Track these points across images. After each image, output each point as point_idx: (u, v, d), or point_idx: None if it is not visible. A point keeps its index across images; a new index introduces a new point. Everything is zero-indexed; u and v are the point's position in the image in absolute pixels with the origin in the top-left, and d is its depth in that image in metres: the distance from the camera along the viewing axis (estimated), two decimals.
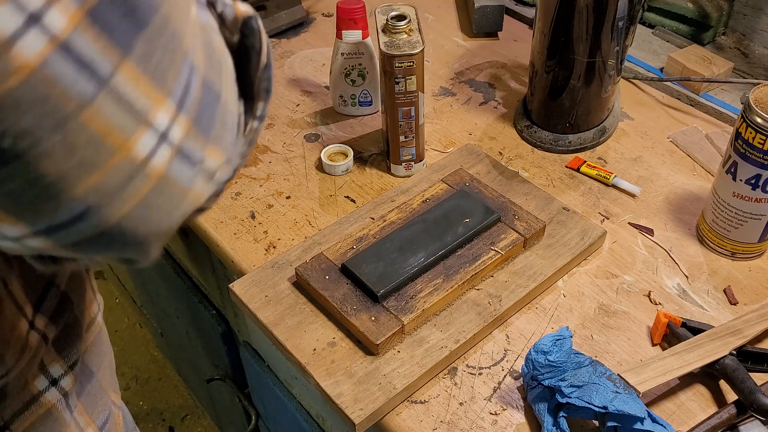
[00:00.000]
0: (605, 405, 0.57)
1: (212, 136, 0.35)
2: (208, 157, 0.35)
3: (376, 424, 0.65)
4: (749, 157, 0.70)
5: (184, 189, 0.34)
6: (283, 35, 1.16)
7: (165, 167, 0.32)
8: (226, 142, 0.37)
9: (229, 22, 0.39)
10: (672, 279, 0.76)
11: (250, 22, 0.40)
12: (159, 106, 0.31)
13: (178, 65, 0.31)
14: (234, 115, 0.38)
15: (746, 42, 1.07)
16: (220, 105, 0.35)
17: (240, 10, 0.40)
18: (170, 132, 0.32)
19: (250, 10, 0.40)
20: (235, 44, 0.40)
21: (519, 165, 0.90)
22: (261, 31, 0.41)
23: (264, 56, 0.41)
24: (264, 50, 0.41)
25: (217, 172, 0.36)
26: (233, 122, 0.38)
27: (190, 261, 1.09)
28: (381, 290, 0.69)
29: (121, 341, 1.99)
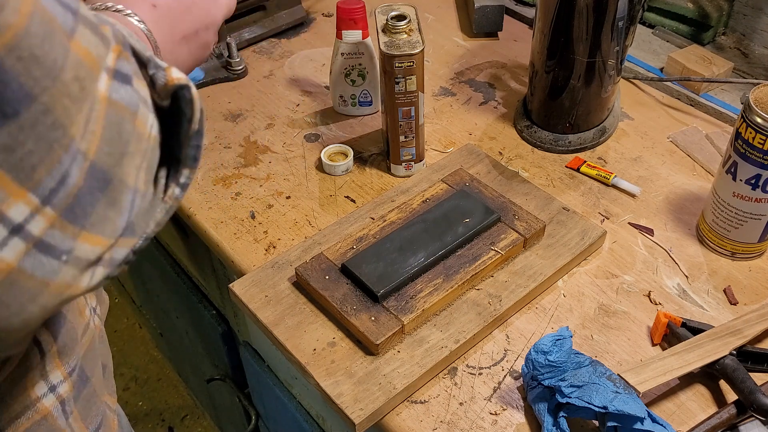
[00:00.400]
0: (605, 405, 0.57)
1: (90, 223, 0.34)
2: (81, 246, 0.34)
3: (376, 424, 0.65)
4: (749, 157, 0.70)
5: (42, 282, 0.33)
6: (283, 35, 1.16)
7: (16, 261, 0.31)
8: (115, 224, 0.36)
9: (159, 87, 0.39)
10: (672, 279, 0.76)
11: (182, 92, 0.39)
12: (15, 200, 0.30)
13: (54, 156, 0.31)
14: (136, 192, 0.37)
15: (746, 42, 1.07)
16: (110, 189, 0.35)
17: (172, 78, 0.39)
18: (27, 225, 0.31)
19: (183, 79, 0.40)
20: (165, 108, 0.40)
21: (519, 165, 0.90)
22: (194, 100, 0.40)
23: (195, 124, 0.40)
24: (195, 119, 0.40)
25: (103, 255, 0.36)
26: (132, 200, 0.37)
27: (190, 261, 1.09)
28: (381, 290, 0.69)
29: (120, 341, 1.99)
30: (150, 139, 0.38)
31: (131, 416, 1.82)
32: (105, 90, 0.34)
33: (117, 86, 0.35)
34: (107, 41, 0.35)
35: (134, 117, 0.36)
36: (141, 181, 0.38)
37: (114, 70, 0.35)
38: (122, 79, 0.35)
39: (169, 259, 1.21)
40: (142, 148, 0.37)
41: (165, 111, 0.40)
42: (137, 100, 0.36)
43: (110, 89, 0.34)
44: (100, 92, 0.33)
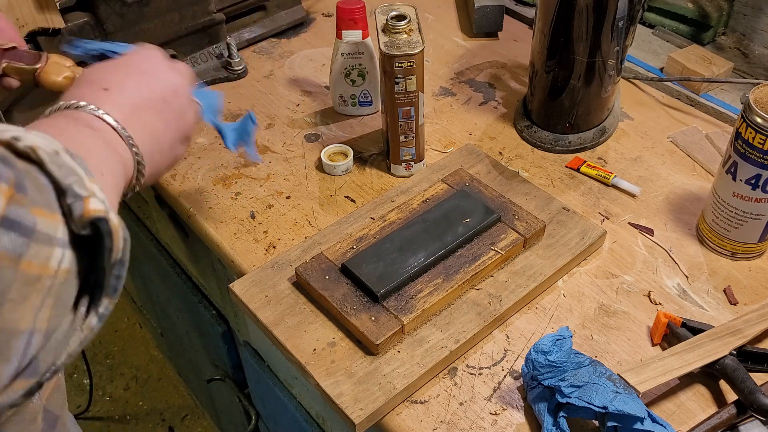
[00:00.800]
0: (605, 405, 0.57)
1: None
2: None
3: (376, 424, 0.65)
4: (749, 157, 0.70)
5: None
6: (283, 35, 1.16)
7: None
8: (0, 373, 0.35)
9: (75, 217, 0.38)
10: (672, 279, 0.76)
11: (100, 224, 0.39)
12: None
13: None
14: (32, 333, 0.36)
15: (746, 42, 1.07)
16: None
17: (89, 210, 0.38)
18: None
19: (102, 211, 0.39)
20: (86, 235, 0.39)
21: (519, 165, 0.90)
22: (113, 231, 0.39)
23: (117, 254, 0.40)
24: (116, 248, 0.40)
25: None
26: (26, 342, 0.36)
27: (190, 261, 1.09)
28: (381, 290, 0.69)
29: (120, 341, 1.99)
30: (57, 275, 0.37)
31: (132, 415, 1.82)
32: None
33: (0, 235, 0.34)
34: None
35: (18, 262, 0.35)
36: (42, 319, 0.37)
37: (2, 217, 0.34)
38: (8, 226, 0.34)
39: (169, 259, 1.21)
40: (40, 287, 0.36)
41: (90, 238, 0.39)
42: (29, 241, 0.35)
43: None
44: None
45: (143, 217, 1.22)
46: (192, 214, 0.86)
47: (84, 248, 0.40)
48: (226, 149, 0.94)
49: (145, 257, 1.33)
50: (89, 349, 1.94)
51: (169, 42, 1.01)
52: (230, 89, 1.05)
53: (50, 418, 0.56)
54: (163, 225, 1.10)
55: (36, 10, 0.90)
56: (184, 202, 0.87)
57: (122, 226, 0.41)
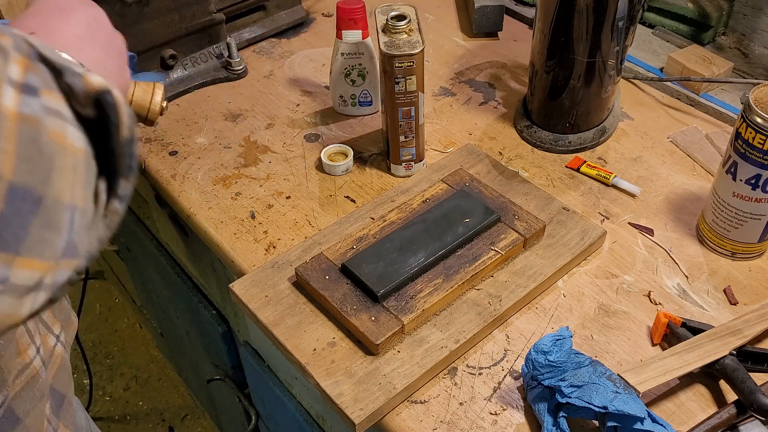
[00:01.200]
0: (605, 405, 0.57)
1: (25, 247, 0.33)
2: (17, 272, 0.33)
3: (376, 424, 0.65)
4: (749, 157, 0.70)
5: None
6: (283, 35, 1.16)
7: None
8: (54, 246, 0.34)
9: (79, 95, 0.37)
10: (672, 279, 0.76)
11: (104, 97, 0.38)
12: None
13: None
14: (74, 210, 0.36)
15: (746, 42, 1.07)
16: (41, 209, 0.33)
17: (91, 84, 0.37)
18: None
19: (104, 84, 0.38)
20: (90, 117, 0.38)
21: (519, 165, 0.90)
22: (118, 105, 0.38)
23: (124, 130, 0.39)
24: (123, 124, 0.39)
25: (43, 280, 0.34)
26: (70, 218, 0.35)
27: (190, 261, 1.09)
28: (381, 290, 0.69)
29: (121, 341, 1.99)
30: (76, 152, 0.36)
31: (132, 415, 1.82)
32: (14, 105, 0.32)
33: (28, 100, 0.33)
34: (6, 52, 0.33)
35: (48, 132, 0.34)
36: (78, 197, 0.36)
37: (23, 84, 0.33)
38: (31, 93, 0.34)
39: (169, 259, 1.21)
40: (68, 162, 0.35)
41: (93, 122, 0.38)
42: (48, 113, 0.35)
43: (21, 104, 0.33)
44: (8, 108, 0.32)
45: (143, 217, 1.22)
46: (192, 214, 0.86)
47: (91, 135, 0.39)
48: (226, 149, 0.94)
49: (145, 257, 1.33)
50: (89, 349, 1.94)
51: (169, 42, 1.01)
52: (230, 89, 1.05)
53: (57, 397, 0.57)
54: (163, 225, 1.10)
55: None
56: (184, 202, 0.87)
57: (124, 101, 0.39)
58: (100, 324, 2.04)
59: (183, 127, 0.98)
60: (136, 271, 1.50)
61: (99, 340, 1.99)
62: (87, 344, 1.96)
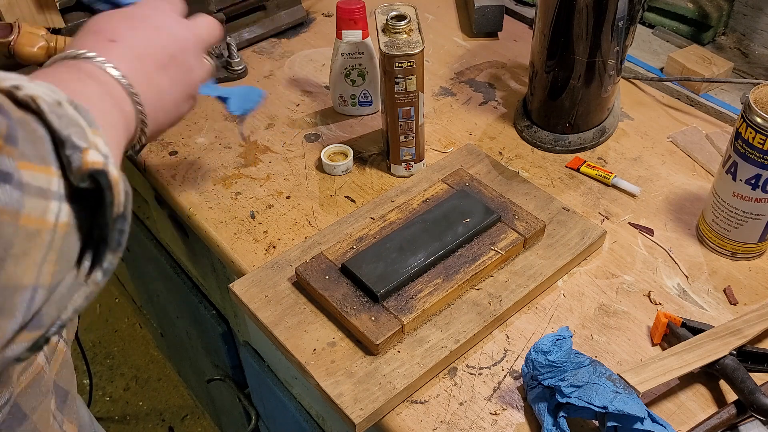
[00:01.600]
0: (605, 405, 0.57)
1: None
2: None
3: (376, 424, 0.65)
4: (749, 157, 0.70)
5: None
6: (283, 35, 1.16)
7: None
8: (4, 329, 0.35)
9: (74, 169, 0.37)
10: (672, 279, 0.76)
11: (98, 177, 0.38)
12: None
13: None
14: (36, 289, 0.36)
15: (746, 42, 1.07)
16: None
17: (87, 162, 0.37)
18: None
19: (100, 163, 0.37)
20: (86, 188, 0.38)
21: (519, 165, 0.90)
22: (113, 184, 0.38)
23: (118, 208, 0.39)
24: (118, 202, 0.38)
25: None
26: (30, 297, 0.36)
27: (190, 261, 1.09)
28: (381, 290, 0.69)
29: (121, 341, 1.99)
30: (56, 229, 0.36)
31: (132, 415, 1.82)
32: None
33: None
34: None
35: (17, 216, 0.34)
36: (45, 274, 0.36)
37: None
38: (1, 179, 0.33)
39: (169, 259, 1.21)
40: (40, 242, 0.35)
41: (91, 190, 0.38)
42: (21, 195, 0.34)
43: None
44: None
45: (143, 217, 1.22)
46: (192, 214, 0.86)
47: (86, 203, 0.39)
48: (226, 149, 0.94)
49: (145, 257, 1.33)
50: (89, 349, 1.94)
51: None
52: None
53: (61, 392, 0.57)
54: (163, 225, 1.10)
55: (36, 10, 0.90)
56: (184, 202, 0.87)
57: (123, 179, 0.39)
58: (100, 324, 2.04)
59: (183, 127, 0.98)
60: (136, 271, 1.50)
61: (99, 341, 1.99)
62: (87, 344, 1.96)
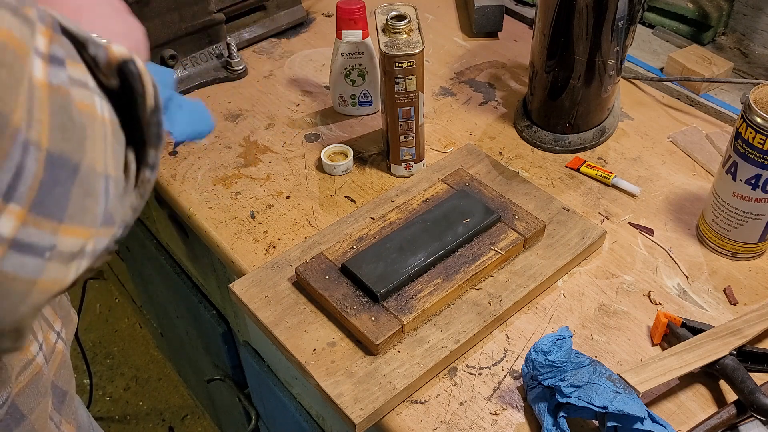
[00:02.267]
0: (605, 405, 0.57)
1: (68, 214, 0.33)
2: (63, 240, 0.33)
3: (376, 424, 0.65)
4: (749, 157, 0.70)
5: (28, 282, 0.32)
6: (283, 35, 1.16)
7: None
8: (94, 213, 0.35)
9: (102, 65, 0.37)
10: (672, 279, 0.76)
11: (127, 66, 0.38)
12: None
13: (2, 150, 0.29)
14: (108, 178, 0.36)
15: (746, 42, 1.07)
16: (78, 177, 0.33)
17: (114, 54, 0.37)
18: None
19: (126, 54, 0.38)
20: (115, 87, 0.38)
21: (519, 165, 0.90)
22: (142, 73, 0.38)
23: (150, 99, 0.39)
24: (148, 93, 0.39)
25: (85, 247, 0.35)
26: (105, 186, 0.36)
27: (190, 261, 1.09)
28: (381, 290, 0.69)
29: (121, 341, 1.99)
30: (105, 122, 0.36)
31: (132, 415, 1.82)
32: (43, 76, 0.32)
33: (56, 71, 0.33)
34: (31, 23, 0.32)
35: (77, 102, 0.34)
36: (110, 166, 0.36)
37: (49, 55, 0.33)
38: (58, 63, 0.34)
39: (169, 259, 1.21)
40: (99, 132, 0.35)
41: (118, 92, 0.38)
42: (74, 84, 0.35)
43: (49, 75, 0.33)
44: (37, 78, 0.32)
45: (143, 217, 1.22)
46: (192, 214, 0.86)
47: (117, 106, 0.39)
48: (226, 149, 0.94)
49: (145, 257, 1.33)
50: (89, 349, 1.94)
51: (169, 42, 1.01)
52: (230, 89, 1.05)
53: (59, 393, 0.57)
54: (163, 225, 1.10)
55: None
56: (184, 202, 0.87)
57: (148, 71, 0.39)
58: (100, 324, 2.04)
59: None
60: (136, 271, 1.50)
61: (99, 340, 1.99)
62: (87, 344, 1.96)
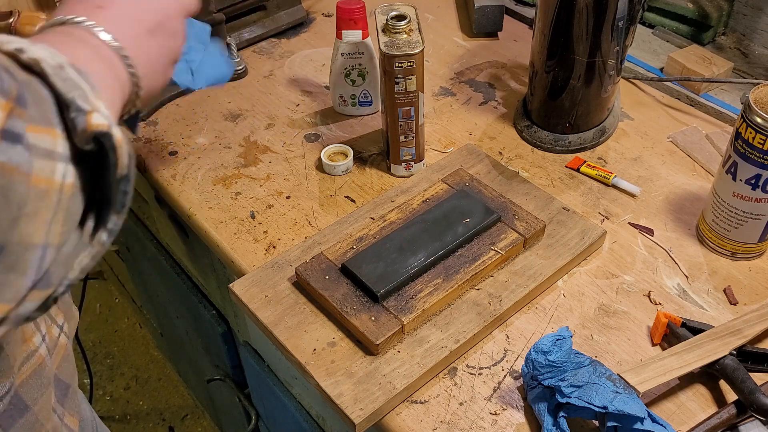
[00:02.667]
0: (605, 405, 0.57)
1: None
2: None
3: (376, 424, 0.65)
4: (749, 157, 0.70)
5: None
6: (283, 35, 1.16)
7: None
8: (17, 287, 0.36)
9: (78, 132, 0.38)
10: (672, 279, 0.76)
11: (103, 139, 0.38)
12: None
13: None
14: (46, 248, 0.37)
15: (746, 42, 1.07)
16: (5, 256, 0.34)
17: (92, 124, 0.38)
18: None
19: (104, 126, 0.38)
20: (92, 150, 0.39)
21: (519, 165, 0.90)
22: (117, 146, 0.39)
23: (121, 169, 0.39)
24: (121, 164, 0.39)
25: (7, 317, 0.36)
26: (41, 256, 0.37)
27: (190, 261, 1.09)
28: (381, 290, 0.69)
29: (121, 341, 1.99)
30: (62, 189, 0.37)
31: (132, 415, 1.82)
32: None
33: (4, 148, 0.33)
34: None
35: (28, 176, 0.35)
36: (54, 234, 0.37)
37: (3, 131, 0.33)
38: (12, 139, 0.34)
39: (169, 259, 1.21)
40: (49, 202, 0.36)
41: (95, 154, 0.39)
42: (31, 156, 0.35)
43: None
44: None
45: (143, 217, 1.22)
46: (192, 214, 0.86)
47: (88, 165, 0.39)
48: (226, 149, 0.94)
49: (145, 257, 1.33)
50: (89, 349, 1.94)
51: None
52: (230, 89, 1.05)
53: (62, 386, 0.58)
54: (163, 225, 1.10)
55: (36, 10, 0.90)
56: (184, 202, 0.87)
57: (126, 141, 0.40)
58: (100, 324, 2.04)
59: (183, 127, 0.98)
60: (136, 271, 1.50)
61: (99, 340, 1.99)
62: (87, 344, 1.96)
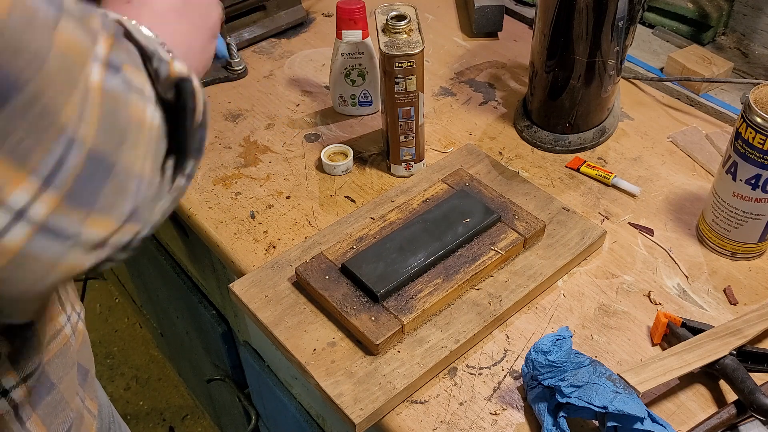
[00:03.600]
0: (605, 405, 0.57)
1: (97, 207, 0.35)
2: (88, 229, 0.35)
3: (376, 424, 0.65)
4: (749, 157, 0.70)
5: (50, 262, 0.35)
6: (283, 35, 1.16)
7: (21, 244, 0.33)
8: (121, 210, 0.37)
9: (162, 79, 0.40)
10: (672, 279, 0.76)
11: (183, 84, 0.41)
12: (15, 184, 0.31)
13: (47, 142, 0.32)
14: (142, 180, 0.38)
15: (746, 42, 1.07)
16: (112, 175, 0.36)
17: (174, 71, 0.40)
18: (30, 209, 0.32)
19: (185, 72, 0.41)
20: (170, 100, 0.41)
21: (519, 165, 0.90)
22: (196, 92, 0.41)
23: (198, 116, 0.42)
24: (198, 110, 0.42)
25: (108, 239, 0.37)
26: (137, 186, 0.38)
27: (190, 261, 1.09)
28: (381, 290, 0.69)
29: (121, 341, 1.99)
30: (152, 128, 0.39)
31: (132, 415, 1.82)
32: (99, 80, 0.34)
33: (111, 77, 0.36)
34: (94, 33, 0.35)
35: (127, 106, 0.37)
36: (147, 168, 0.39)
37: (108, 61, 0.36)
38: (115, 70, 0.36)
39: (169, 259, 1.21)
40: (143, 136, 0.38)
41: (172, 104, 0.41)
42: (129, 89, 0.37)
43: (105, 80, 0.35)
44: (93, 82, 0.34)
45: None
46: (192, 214, 0.86)
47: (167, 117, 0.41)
48: (226, 149, 0.94)
49: (145, 257, 1.33)
50: None
51: None
52: (230, 89, 1.05)
53: (82, 370, 0.59)
54: (163, 225, 1.10)
55: None
56: (184, 202, 0.87)
57: (202, 90, 0.42)
58: (100, 324, 2.04)
59: None
60: (136, 271, 1.50)
61: (99, 340, 1.99)
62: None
